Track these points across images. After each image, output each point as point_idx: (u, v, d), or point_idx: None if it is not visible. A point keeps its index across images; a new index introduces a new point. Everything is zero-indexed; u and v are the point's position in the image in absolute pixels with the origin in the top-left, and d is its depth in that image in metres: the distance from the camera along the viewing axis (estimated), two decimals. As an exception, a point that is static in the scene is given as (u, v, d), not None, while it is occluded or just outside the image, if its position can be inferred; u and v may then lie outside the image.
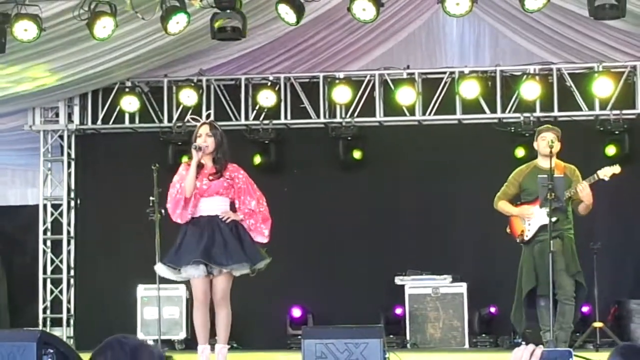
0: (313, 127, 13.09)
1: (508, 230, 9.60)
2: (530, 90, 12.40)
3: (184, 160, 10.46)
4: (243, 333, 11.56)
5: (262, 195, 8.34)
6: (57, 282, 13.29)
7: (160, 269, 8.32)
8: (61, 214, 13.39)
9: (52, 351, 5.78)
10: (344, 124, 12.86)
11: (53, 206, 13.44)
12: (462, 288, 11.97)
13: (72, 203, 13.42)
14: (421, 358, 11.14)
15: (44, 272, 13.30)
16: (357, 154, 12.91)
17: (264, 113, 12.99)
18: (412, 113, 12.81)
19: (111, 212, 13.11)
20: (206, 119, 8.43)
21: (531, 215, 9.33)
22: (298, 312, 12.47)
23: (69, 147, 13.47)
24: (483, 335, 12.05)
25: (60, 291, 13.24)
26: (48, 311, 13.24)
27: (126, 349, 3.00)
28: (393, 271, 12.22)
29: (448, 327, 11.91)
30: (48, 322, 13.16)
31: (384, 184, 12.85)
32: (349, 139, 12.85)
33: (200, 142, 8.16)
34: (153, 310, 11.60)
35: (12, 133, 13.62)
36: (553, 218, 8.92)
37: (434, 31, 13.34)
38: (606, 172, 9.23)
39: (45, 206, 13.44)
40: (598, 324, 10.83)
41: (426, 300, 12.00)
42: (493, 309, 12.14)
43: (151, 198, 9.12)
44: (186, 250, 8.14)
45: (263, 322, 12.45)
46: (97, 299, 12.97)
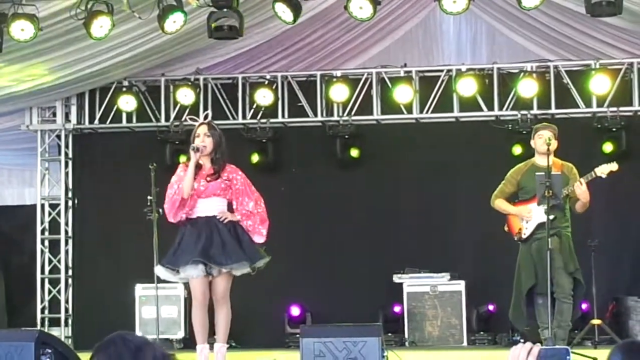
0: (310, 126, 13.08)
1: (506, 228, 9.60)
2: (527, 87, 12.40)
3: (182, 160, 10.46)
4: (242, 332, 11.54)
5: (260, 196, 8.32)
6: (55, 282, 13.28)
7: (159, 271, 8.32)
8: (59, 214, 13.38)
9: (50, 351, 5.78)
10: (342, 123, 12.85)
11: (51, 206, 13.42)
12: (460, 286, 11.95)
13: (70, 203, 13.40)
14: (419, 356, 11.13)
15: (42, 272, 13.28)
16: (355, 152, 12.90)
17: (262, 112, 12.98)
18: (410, 111, 12.81)
19: (109, 212, 13.11)
20: (204, 119, 8.41)
21: (530, 214, 9.32)
22: (296, 311, 12.46)
23: (67, 147, 13.45)
24: (481, 333, 12.04)
25: (58, 291, 13.23)
26: (46, 311, 13.22)
27: (130, 346, 2.98)
28: (391, 269, 12.20)
29: (446, 325, 11.91)
30: (46, 322, 13.15)
31: (382, 182, 12.84)
32: (347, 138, 12.85)
33: (198, 143, 8.14)
34: (151, 309, 11.58)
35: (9, 133, 13.60)
36: (551, 216, 8.93)
37: (431, 29, 13.34)
38: (604, 170, 9.22)
39: (42, 206, 13.42)
40: (596, 321, 10.84)
41: (424, 298, 11.99)
42: (491, 307, 12.13)
43: (149, 197, 9.13)
44: (184, 250, 8.13)
45: (262, 321, 12.44)
46: (95, 299, 12.95)
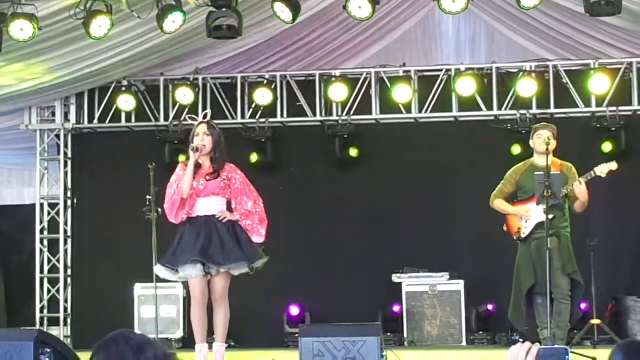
0: (309, 125, 13.08)
1: (505, 228, 9.59)
2: (526, 87, 12.40)
3: (181, 160, 10.46)
4: (241, 332, 11.54)
5: (259, 196, 8.32)
6: (55, 282, 13.27)
7: (159, 271, 8.32)
8: (58, 213, 13.37)
9: (50, 350, 5.77)
10: (341, 122, 12.85)
11: (50, 205, 13.42)
12: (460, 285, 11.95)
13: (69, 202, 13.40)
14: (419, 356, 11.12)
15: (41, 272, 13.28)
16: (354, 152, 12.90)
17: (261, 111, 12.98)
18: (409, 111, 12.81)
19: (108, 211, 13.11)
20: (204, 118, 8.41)
21: (529, 214, 9.32)
22: (296, 311, 12.46)
23: (66, 147, 13.45)
24: (480, 332, 12.04)
25: (57, 290, 13.23)
26: (45, 310, 13.22)
27: (132, 345, 2.98)
28: (390, 269, 12.20)
29: (445, 325, 11.90)
30: (45, 322, 13.14)
31: (381, 182, 12.84)
32: (346, 137, 12.84)
33: (198, 142, 8.15)
34: (150, 309, 11.57)
35: (9, 132, 13.60)
36: (550, 215, 8.92)
37: (430, 29, 13.34)
38: (603, 169, 9.21)
39: (42, 205, 13.42)
40: (596, 321, 10.83)
41: (423, 297, 11.99)
42: (490, 307, 12.13)
43: (148, 197, 9.13)
44: (183, 250, 8.13)
45: (261, 321, 12.44)
46: (95, 298, 12.95)
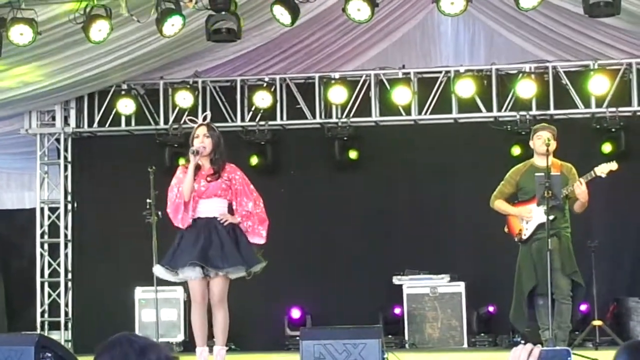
0: (309, 128, 13.08)
1: (506, 229, 9.58)
2: (526, 88, 12.40)
3: (181, 162, 10.45)
4: (241, 335, 11.54)
5: (259, 196, 8.31)
6: (55, 286, 13.27)
7: (158, 271, 8.31)
8: (58, 217, 13.37)
9: (50, 355, 5.77)
10: (340, 124, 12.85)
11: (50, 209, 13.42)
12: (460, 287, 11.94)
13: (69, 206, 13.40)
14: (420, 358, 11.12)
15: (42, 276, 13.28)
16: (353, 154, 12.90)
17: (260, 114, 12.99)
18: (408, 113, 12.81)
19: (108, 215, 13.11)
20: (203, 120, 8.41)
21: (530, 215, 9.30)
22: (297, 313, 12.45)
23: (66, 150, 13.45)
24: (482, 334, 12.03)
25: (58, 294, 13.22)
26: (46, 315, 13.22)
27: (135, 347, 2.98)
28: (391, 271, 12.20)
29: (446, 327, 11.90)
30: (46, 326, 13.14)
31: (380, 184, 12.84)
32: (345, 139, 12.84)
33: (197, 143, 8.14)
34: (151, 312, 11.56)
35: (8, 137, 13.60)
36: (550, 216, 8.91)
37: (429, 31, 13.33)
38: (603, 169, 9.20)
39: (42, 209, 13.42)
40: (597, 322, 10.83)
41: (424, 300, 11.98)
42: (491, 308, 12.12)
43: (148, 200, 9.11)
44: (183, 252, 8.12)
45: (261, 324, 12.44)
46: (95, 302, 12.94)
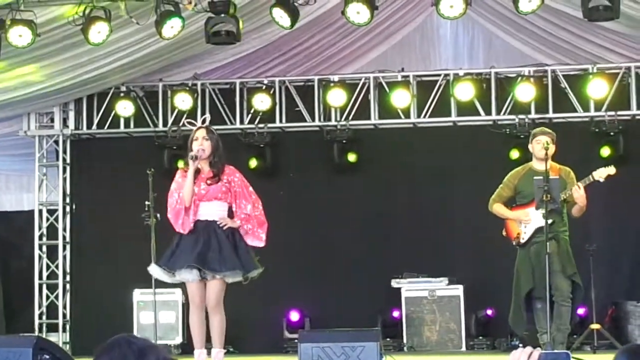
0: (308, 131, 13.09)
1: (504, 233, 9.57)
2: (524, 92, 12.41)
3: (180, 165, 10.45)
4: (240, 337, 11.54)
5: (258, 198, 8.31)
6: (53, 288, 13.27)
7: (154, 270, 8.28)
8: (57, 219, 13.37)
9: (48, 357, 5.76)
10: (339, 127, 12.86)
11: (48, 211, 13.42)
12: (459, 290, 11.94)
13: (68, 208, 13.40)
14: (418, 361, 11.13)
15: (40, 278, 13.27)
16: (352, 157, 12.90)
17: (259, 117, 12.99)
18: (407, 115, 12.81)
19: (107, 217, 13.10)
20: (202, 123, 8.40)
21: (528, 219, 9.30)
22: (295, 316, 12.46)
23: (64, 152, 13.45)
24: (480, 337, 12.03)
25: (56, 296, 13.22)
26: (44, 317, 13.21)
27: (134, 348, 2.98)
28: (389, 274, 12.20)
29: (445, 330, 11.90)
30: (44, 328, 13.13)
31: (379, 187, 12.84)
32: (344, 142, 12.85)
33: (197, 146, 8.14)
34: (149, 315, 11.57)
35: (7, 139, 13.61)
36: (549, 220, 8.91)
37: (428, 34, 13.34)
38: (601, 173, 9.20)
39: (40, 211, 13.42)
40: (595, 326, 10.83)
41: (423, 303, 11.98)
42: (490, 312, 12.12)
43: (147, 202, 9.12)
44: (181, 254, 8.12)
45: (260, 326, 12.43)
46: (93, 304, 12.94)
